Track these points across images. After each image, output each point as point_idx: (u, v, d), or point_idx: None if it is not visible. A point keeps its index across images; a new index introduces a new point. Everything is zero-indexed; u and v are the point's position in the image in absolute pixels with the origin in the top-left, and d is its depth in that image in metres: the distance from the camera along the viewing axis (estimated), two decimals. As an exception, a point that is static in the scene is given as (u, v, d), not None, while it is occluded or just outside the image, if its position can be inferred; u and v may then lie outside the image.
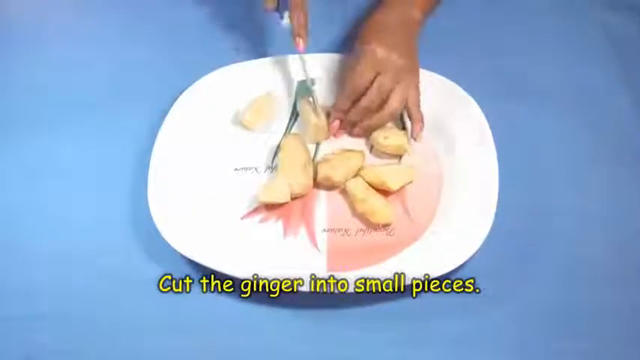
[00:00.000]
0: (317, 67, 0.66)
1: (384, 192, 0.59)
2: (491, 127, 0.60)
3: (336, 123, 0.63)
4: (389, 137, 0.61)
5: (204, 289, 0.55)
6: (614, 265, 0.56)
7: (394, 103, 0.60)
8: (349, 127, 0.63)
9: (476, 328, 0.53)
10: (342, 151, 0.61)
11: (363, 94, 0.60)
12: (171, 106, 0.63)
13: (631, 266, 0.56)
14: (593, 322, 0.54)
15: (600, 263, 0.56)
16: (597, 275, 0.56)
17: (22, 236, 0.59)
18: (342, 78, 0.65)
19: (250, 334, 0.53)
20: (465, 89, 0.63)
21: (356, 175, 0.60)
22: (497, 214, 0.55)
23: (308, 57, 0.65)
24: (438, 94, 0.63)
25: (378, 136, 0.61)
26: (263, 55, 0.68)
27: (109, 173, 0.62)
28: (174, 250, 0.56)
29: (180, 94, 0.64)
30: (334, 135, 0.63)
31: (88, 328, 0.54)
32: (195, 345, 0.53)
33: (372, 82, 0.60)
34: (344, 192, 0.59)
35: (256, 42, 0.65)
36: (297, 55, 0.65)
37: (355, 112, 0.61)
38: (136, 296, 0.55)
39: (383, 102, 0.60)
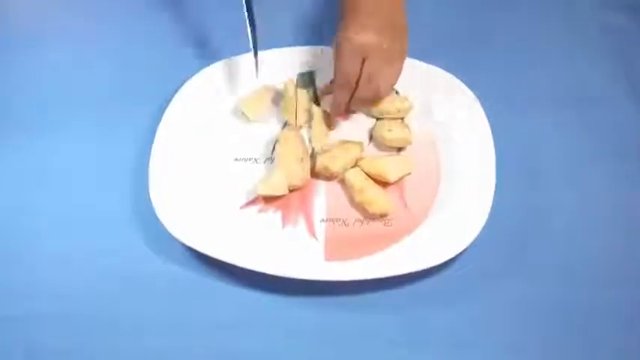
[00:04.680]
0: (317, 58, 0.66)
1: (383, 183, 0.59)
2: (490, 126, 0.61)
3: (338, 119, 0.63)
4: (392, 130, 0.61)
5: (204, 288, 0.55)
6: (613, 265, 0.57)
7: (381, 90, 0.60)
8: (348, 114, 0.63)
9: (475, 328, 0.54)
10: (340, 141, 0.62)
11: (356, 82, 0.59)
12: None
13: (630, 266, 0.57)
14: (592, 322, 0.54)
15: (599, 263, 0.57)
16: (596, 275, 0.56)
17: (22, 236, 0.59)
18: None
19: (250, 330, 0.54)
20: (465, 85, 0.63)
21: (355, 165, 0.60)
22: (495, 214, 0.55)
23: (308, 49, 0.65)
24: (438, 88, 0.64)
25: (382, 129, 0.62)
26: (263, 47, 0.68)
27: (109, 172, 0.62)
28: (175, 249, 0.56)
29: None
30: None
31: (88, 327, 0.54)
32: (195, 343, 0.53)
33: (361, 70, 0.58)
34: (342, 182, 0.60)
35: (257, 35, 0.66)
36: (297, 48, 0.65)
37: (355, 104, 0.61)
38: (136, 295, 0.55)
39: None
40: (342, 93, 0.60)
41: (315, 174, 0.60)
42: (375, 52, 0.57)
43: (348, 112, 0.64)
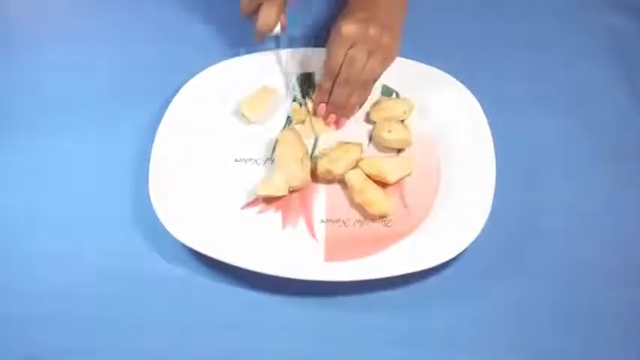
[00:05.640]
0: (316, 60, 0.66)
1: (383, 183, 0.59)
2: (490, 126, 0.61)
3: (322, 106, 0.63)
4: (392, 131, 0.61)
5: (205, 288, 0.56)
6: (613, 265, 0.57)
7: (366, 78, 0.60)
8: (338, 109, 0.63)
9: (475, 328, 0.54)
10: (340, 143, 0.62)
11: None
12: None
13: (630, 266, 0.57)
14: (592, 322, 0.54)
15: (599, 263, 0.57)
16: (596, 275, 0.56)
17: (22, 236, 0.59)
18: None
19: (250, 331, 0.54)
20: (465, 86, 0.63)
21: (355, 166, 0.60)
22: (495, 214, 0.55)
23: (308, 51, 0.66)
24: (438, 89, 0.64)
25: (382, 130, 0.62)
26: (263, 48, 0.68)
27: (109, 172, 0.62)
28: (175, 249, 0.56)
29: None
30: (335, 125, 0.64)
31: (89, 327, 0.54)
32: (195, 343, 0.53)
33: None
34: (342, 183, 0.60)
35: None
36: (297, 50, 0.65)
37: (337, 90, 0.61)
38: (136, 295, 0.55)
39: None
40: (326, 79, 0.61)
41: (317, 178, 0.60)
42: (360, 39, 0.58)
43: (335, 109, 0.63)
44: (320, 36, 0.69)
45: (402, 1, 0.62)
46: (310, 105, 0.65)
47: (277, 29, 0.61)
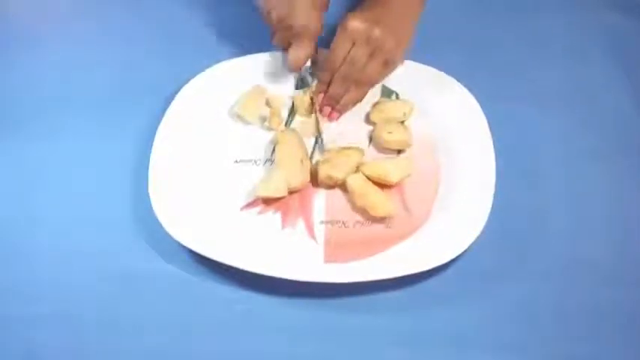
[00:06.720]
0: (315, 61, 0.66)
1: (383, 186, 0.59)
2: (490, 125, 0.61)
3: (320, 96, 0.64)
4: (393, 132, 0.61)
5: (204, 289, 0.56)
6: (614, 265, 0.57)
7: (364, 78, 0.61)
8: (333, 102, 0.63)
9: (476, 328, 0.54)
10: (341, 148, 0.61)
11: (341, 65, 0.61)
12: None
13: (631, 266, 0.57)
14: (593, 322, 0.54)
15: (600, 263, 0.57)
16: (597, 275, 0.56)
17: (22, 236, 0.59)
18: None
19: (249, 332, 0.54)
20: (464, 86, 0.63)
21: (356, 170, 0.60)
22: (495, 213, 0.55)
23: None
24: (437, 89, 0.64)
25: (382, 131, 0.61)
26: (263, 49, 0.68)
27: (109, 172, 0.62)
28: (175, 250, 0.56)
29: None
30: (328, 117, 0.64)
31: (88, 327, 0.54)
32: (195, 343, 0.53)
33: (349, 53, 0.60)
34: (343, 186, 0.60)
35: (257, 37, 0.66)
36: None
37: (334, 85, 0.62)
38: (136, 295, 0.55)
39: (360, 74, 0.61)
40: (325, 73, 0.62)
41: (318, 183, 0.60)
42: (363, 39, 0.59)
43: (330, 102, 0.63)
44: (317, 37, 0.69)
45: (417, 7, 0.62)
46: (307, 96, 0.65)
47: (307, 63, 0.63)
